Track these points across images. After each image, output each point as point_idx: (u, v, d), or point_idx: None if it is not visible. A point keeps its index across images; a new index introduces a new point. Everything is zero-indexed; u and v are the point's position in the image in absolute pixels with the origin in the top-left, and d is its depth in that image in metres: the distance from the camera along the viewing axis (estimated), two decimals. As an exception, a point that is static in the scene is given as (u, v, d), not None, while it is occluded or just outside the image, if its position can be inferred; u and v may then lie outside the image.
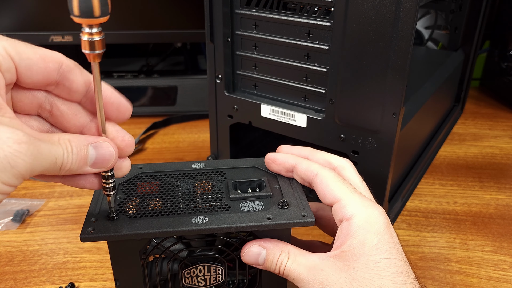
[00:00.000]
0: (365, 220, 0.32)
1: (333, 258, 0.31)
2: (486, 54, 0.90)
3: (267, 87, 0.50)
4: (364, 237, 0.31)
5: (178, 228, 0.32)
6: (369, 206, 0.33)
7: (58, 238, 0.51)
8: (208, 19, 0.49)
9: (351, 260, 0.31)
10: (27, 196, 0.58)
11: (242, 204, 0.34)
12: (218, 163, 0.40)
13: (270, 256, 0.33)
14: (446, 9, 0.73)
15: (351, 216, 0.32)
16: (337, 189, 0.33)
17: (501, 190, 0.60)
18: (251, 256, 0.34)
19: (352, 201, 0.33)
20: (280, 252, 0.33)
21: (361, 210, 0.32)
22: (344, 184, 0.34)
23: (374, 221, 0.32)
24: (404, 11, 0.38)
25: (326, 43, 0.44)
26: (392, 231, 0.33)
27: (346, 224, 0.32)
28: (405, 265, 0.31)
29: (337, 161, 0.37)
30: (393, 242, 0.32)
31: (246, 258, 0.34)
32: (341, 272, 0.30)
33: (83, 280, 0.45)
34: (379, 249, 0.31)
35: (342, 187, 0.34)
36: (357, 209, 0.32)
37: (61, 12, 0.73)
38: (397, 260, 0.31)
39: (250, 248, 0.34)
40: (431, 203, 0.57)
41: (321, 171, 0.35)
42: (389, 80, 0.41)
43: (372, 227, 0.31)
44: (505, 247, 0.50)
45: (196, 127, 0.77)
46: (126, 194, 0.36)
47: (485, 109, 0.84)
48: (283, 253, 0.33)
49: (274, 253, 0.33)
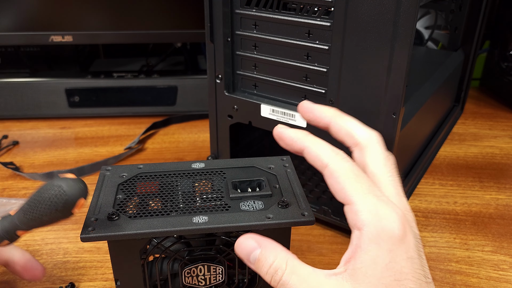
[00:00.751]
0: (377, 233, 0.28)
1: (342, 277, 0.28)
2: (486, 54, 0.90)
3: (267, 87, 0.50)
4: (376, 255, 0.27)
5: (178, 227, 0.32)
6: (383, 214, 0.28)
7: (58, 238, 0.51)
8: (208, 19, 0.49)
9: (361, 282, 0.27)
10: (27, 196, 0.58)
11: (242, 203, 0.34)
12: (218, 162, 0.40)
13: (263, 257, 0.29)
14: (446, 9, 0.73)
15: (362, 226, 0.28)
16: (349, 189, 0.29)
17: (501, 190, 0.60)
18: (243, 249, 0.30)
19: (365, 207, 0.28)
20: (275, 257, 0.29)
21: (373, 220, 0.28)
22: (358, 181, 0.29)
23: (387, 235, 0.28)
24: (404, 11, 0.38)
25: (326, 43, 0.44)
26: (409, 241, 0.28)
27: (357, 235, 0.28)
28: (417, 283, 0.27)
29: (361, 136, 0.33)
30: (408, 258, 0.28)
31: (237, 249, 0.31)
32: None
33: (83, 280, 0.45)
34: (390, 270, 0.27)
35: (355, 186, 0.29)
36: (369, 218, 0.28)
37: (61, 12, 0.73)
38: (408, 281, 0.27)
39: (245, 240, 0.30)
40: (431, 203, 0.57)
41: (332, 163, 0.30)
42: (389, 80, 0.41)
43: (385, 243, 0.27)
44: (505, 247, 0.50)
45: (196, 127, 0.77)
46: (126, 194, 0.36)
47: (485, 109, 0.85)
48: (280, 259, 0.29)
49: (269, 256, 0.29)
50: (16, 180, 0.62)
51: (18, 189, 0.60)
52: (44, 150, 0.70)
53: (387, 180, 0.32)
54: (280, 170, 0.39)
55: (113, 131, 0.76)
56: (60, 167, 0.64)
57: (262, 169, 0.39)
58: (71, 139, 0.73)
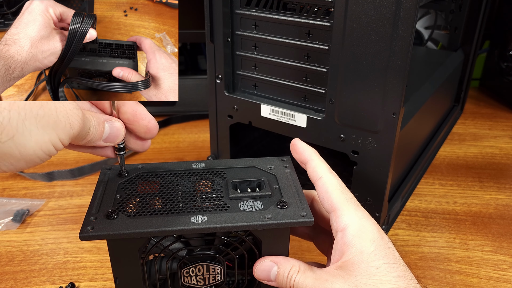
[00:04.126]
0: (359, 229, 0.33)
1: (336, 269, 0.32)
2: (486, 54, 0.90)
3: (267, 87, 0.50)
4: (361, 245, 0.32)
5: (177, 227, 0.32)
6: (362, 217, 0.34)
7: (58, 238, 0.51)
8: (208, 19, 0.49)
9: (352, 269, 0.31)
10: (27, 196, 0.58)
11: (241, 203, 0.35)
12: (218, 163, 0.40)
13: (281, 271, 0.34)
14: (446, 9, 0.73)
15: (345, 227, 0.33)
16: (335, 198, 0.34)
17: (501, 190, 0.60)
18: (263, 271, 0.34)
19: (347, 211, 0.33)
20: (290, 267, 0.34)
21: (354, 220, 0.33)
22: (344, 192, 0.35)
23: (368, 230, 0.33)
24: (404, 11, 0.38)
25: (326, 43, 0.44)
26: (386, 238, 0.33)
27: (341, 235, 0.33)
28: (405, 268, 0.32)
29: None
30: (388, 247, 0.32)
31: (258, 273, 0.35)
32: (344, 281, 0.31)
33: (83, 280, 0.45)
34: (377, 255, 0.32)
35: (341, 196, 0.34)
36: (351, 219, 0.33)
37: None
38: (396, 265, 0.31)
39: (262, 263, 0.35)
40: (431, 203, 0.57)
41: (325, 176, 0.36)
42: (389, 80, 0.41)
43: (366, 235, 0.32)
44: (505, 247, 0.50)
45: (196, 127, 0.77)
46: (126, 193, 0.36)
47: (484, 109, 0.85)
48: (293, 267, 0.33)
49: (285, 268, 0.34)
50: (16, 180, 0.62)
51: (18, 189, 0.60)
52: (44, 150, 0.70)
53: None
54: (280, 171, 0.39)
55: (113, 131, 0.76)
56: (60, 167, 0.64)
57: (262, 170, 0.39)
58: (71, 139, 0.73)
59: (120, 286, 0.35)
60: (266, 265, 0.34)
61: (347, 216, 0.33)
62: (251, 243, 0.35)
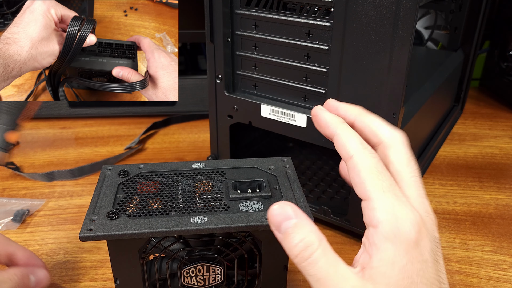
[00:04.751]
0: (393, 233, 0.27)
1: (363, 278, 0.27)
2: (486, 54, 0.90)
3: (267, 87, 0.50)
4: (393, 255, 0.27)
5: (177, 228, 0.32)
6: (400, 215, 0.27)
7: (58, 238, 0.51)
8: (208, 19, 0.49)
9: (380, 282, 0.27)
10: (27, 196, 0.58)
11: (241, 204, 0.35)
12: (218, 163, 0.40)
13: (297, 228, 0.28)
14: (446, 9, 0.73)
15: (377, 224, 0.27)
16: (369, 185, 0.28)
17: (501, 190, 0.60)
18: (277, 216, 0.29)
19: (382, 204, 0.28)
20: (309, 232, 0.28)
21: (389, 219, 0.27)
22: (379, 178, 0.29)
23: (403, 235, 0.27)
24: (404, 11, 0.38)
25: (326, 43, 0.44)
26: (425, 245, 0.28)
27: (372, 232, 0.28)
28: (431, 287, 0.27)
29: (385, 135, 0.32)
30: (423, 261, 0.27)
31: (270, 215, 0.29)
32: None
33: (83, 280, 0.45)
34: (407, 272, 0.27)
35: (376, 182, 0.28)
36: (385, 217, 0.27)
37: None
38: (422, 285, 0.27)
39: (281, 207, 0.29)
40: (430, 203, 0.57)
41: (357, 155, 0.30)
42: (389, 80, 0.41)
43: (401, 243, 0.27)
44: (505, 247, 0.50)
45: (196, 127, 0.77)
46: (126, 194, 0.36)
47: (484, 109, 0.85)
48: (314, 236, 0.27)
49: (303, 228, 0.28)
50: (16, 180, 0.62)
51: (18, 189, 0.60)
52: (44, 150, 0.70)
53: (409, 180, 0.31)
54: (281, 171, 0.39)
55: (113, 131, 0.76)
56: (60, 167, 0.64)
57: (262, 170, 0.39)
58: (71, 139, 0.73)
59: (120, 286, 0.35)
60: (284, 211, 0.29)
61: (381, 211, 0.27)
62: (251, 244, 0.35)
